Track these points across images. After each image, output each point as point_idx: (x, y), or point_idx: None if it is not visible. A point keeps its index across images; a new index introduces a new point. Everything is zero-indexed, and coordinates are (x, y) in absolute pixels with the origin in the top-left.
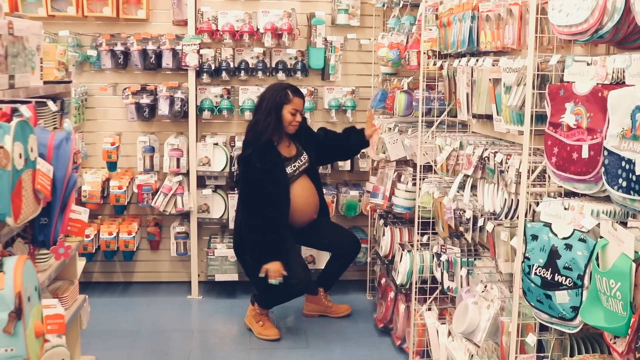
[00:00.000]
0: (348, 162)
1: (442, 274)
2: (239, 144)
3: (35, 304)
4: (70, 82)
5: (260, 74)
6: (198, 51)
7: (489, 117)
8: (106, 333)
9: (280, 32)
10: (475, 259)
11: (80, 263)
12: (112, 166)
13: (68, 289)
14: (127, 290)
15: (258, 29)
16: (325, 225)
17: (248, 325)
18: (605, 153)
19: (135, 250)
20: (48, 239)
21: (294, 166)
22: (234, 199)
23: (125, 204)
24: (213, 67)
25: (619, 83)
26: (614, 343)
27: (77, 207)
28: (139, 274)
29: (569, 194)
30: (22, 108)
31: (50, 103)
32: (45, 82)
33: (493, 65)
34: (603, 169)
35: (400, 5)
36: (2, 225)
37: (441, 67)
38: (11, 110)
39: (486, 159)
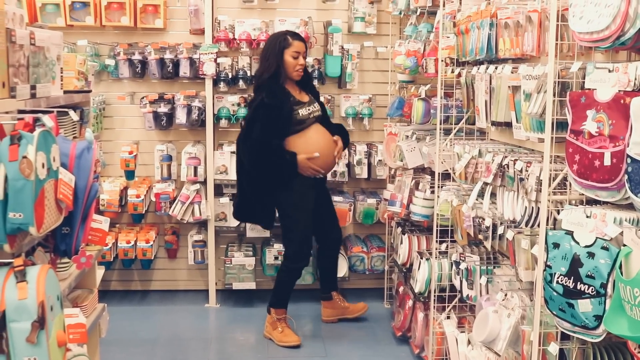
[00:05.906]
0: (365, 170)
1: (461, 282)
2: None
3: (58, 313)
4: (89, 91)
5: None
6: (215, 60)
7: (508, 125)
8: (124, 341)
9: None
10: (494, 267)
11: (100, 272)
12: (129, 175)
13: (87, 297)
14: (145, 299)
15: None
16: (325, 200)
17: (268, 336)
18: (629, 160)
19: (153, 258)
20: (70, 248)
21: (309, 109)
22: None
23: (143, 212)
24: (230, 76)
25: None
26: (639, 352)
27: (98, 216)
28: (157, 282)
29: (591, 202)
30: (45, 118)
31: (71, 112)
32: (65, 92)
33: (512, 73)
34: (626, 176)
35: (417, 13)
36: (25, 235)
37: (459, 75)
38: (33, 120)
39: (506, 166)
